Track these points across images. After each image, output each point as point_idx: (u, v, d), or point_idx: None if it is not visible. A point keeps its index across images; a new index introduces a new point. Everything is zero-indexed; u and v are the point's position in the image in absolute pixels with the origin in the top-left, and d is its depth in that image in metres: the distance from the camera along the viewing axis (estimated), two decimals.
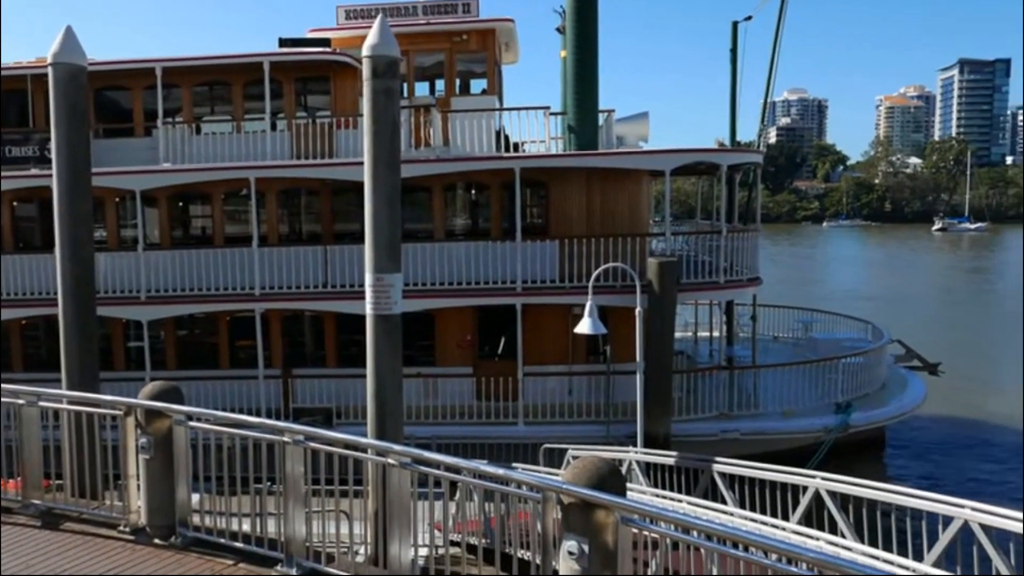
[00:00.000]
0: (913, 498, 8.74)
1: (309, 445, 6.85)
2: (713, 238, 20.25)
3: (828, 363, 19.84)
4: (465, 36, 21.75)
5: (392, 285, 9.54)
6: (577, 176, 20.16)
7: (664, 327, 18.30)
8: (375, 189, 9.56)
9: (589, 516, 4.24)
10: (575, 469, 4.33)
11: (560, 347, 19.98)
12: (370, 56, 9.56)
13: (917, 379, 22.39)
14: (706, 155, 21.10)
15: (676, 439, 17.97)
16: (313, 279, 20.02)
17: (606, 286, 18.08)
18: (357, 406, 18.63)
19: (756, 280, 20.67)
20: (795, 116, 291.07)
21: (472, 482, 6.25)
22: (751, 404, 19.36)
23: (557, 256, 19.50)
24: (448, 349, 20.54)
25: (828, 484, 9.51)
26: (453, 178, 20.55)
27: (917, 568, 8.54)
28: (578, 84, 20.54)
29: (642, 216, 21.45)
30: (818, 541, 9.30)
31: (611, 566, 4.31)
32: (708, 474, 11.51)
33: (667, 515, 4.36)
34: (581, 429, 18.62)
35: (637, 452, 14.13)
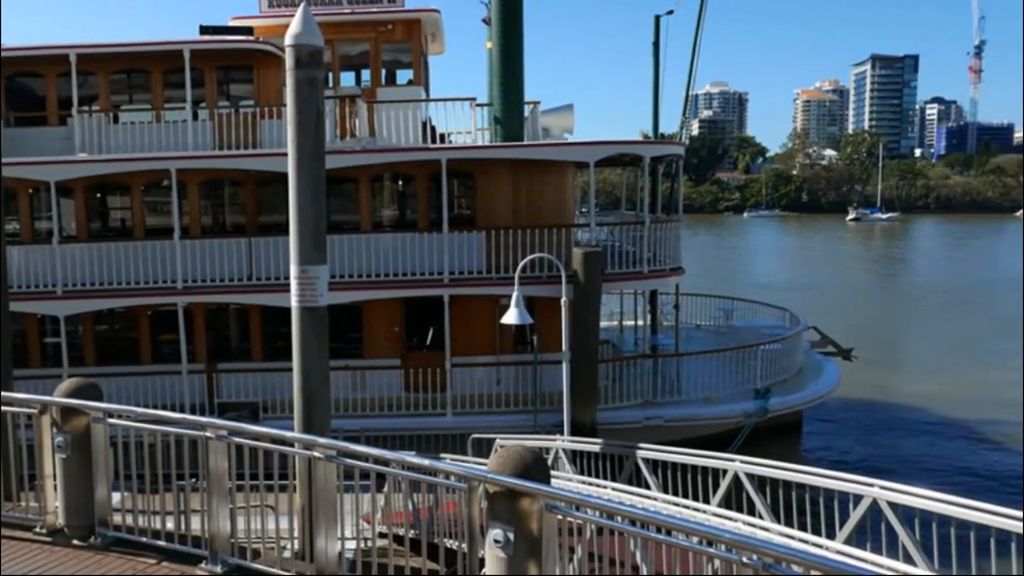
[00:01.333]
0: (826, 478, 9.13)
1: (233, 440, 6.79)
2: (637, 228, 20.61)
3: (748, 350, 20.43)
4: (390, 26, 21.60)
5: (318, 277, 9.46)
6: (503, 167, 20.26)
7: (589, 317, 18.58)
8: (299, 180, 9.45)
9: (514, 504, 4.32)
10: (500, 458, 4.41)
11: (488, 338, 20.09)
12: (293, 45, 9.43)
13: (831, 364, 23.21)
14: (629, 147, 21.43)
15: (602, 427, 18.28)
16: (237, 272, 19.68)
17: (532, 277, 18.25)
18: (284, 400, 18.41)
19: (679, 269, 21.13)
20: (717, 109, 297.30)
21: (399, 474, 6.30)
22: (674, 391, 19.81)
23: (484, 247, 19.58)
24: (376, 341, 20.46)
25: (746, 467, 9.85)
26: (379, 169, 20.42)
27: (828, 545, 8.91)
28: (503, 76, 20.61)
29: (568, 207, 21.68)
30: (736, 522, 9.62)
31: (536, 553, 4.40)
32: (632, 460, 11.78)
33: (590, 501, 4.49)
34: (509, 419, 18.77)
35: (564, 440, 14.34)
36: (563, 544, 6.23)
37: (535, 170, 20.32)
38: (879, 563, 8.64)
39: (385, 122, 20.19)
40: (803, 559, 4.32)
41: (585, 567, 7.17)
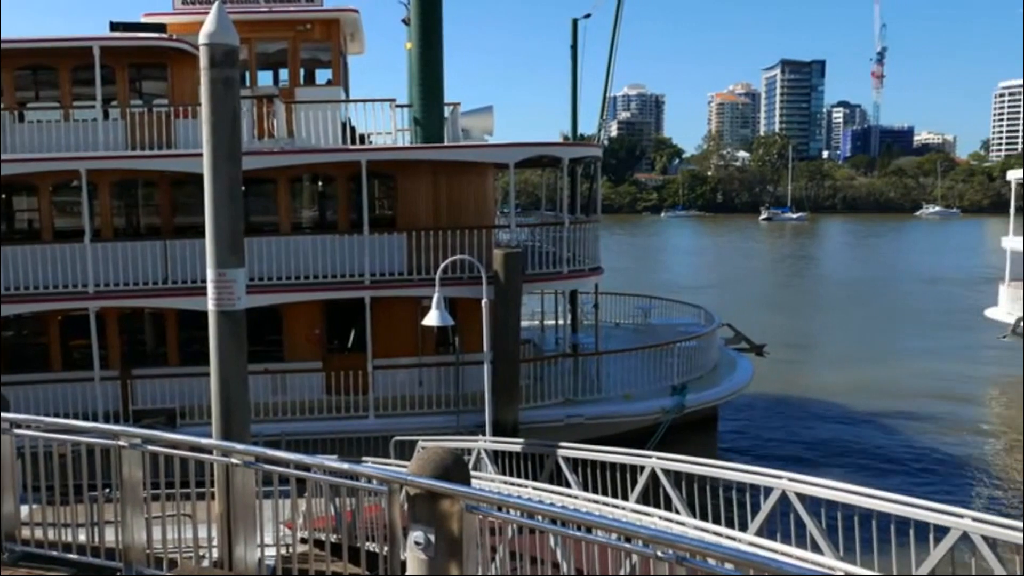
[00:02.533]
0: (738, 472, 9.45)
1: (147, 448, 6.66)
2: (556, 229, 20.86)
3: (665, 348, 20.89)
4: (309, 25, 21.33)
5: (235, 280, 9.32)
6: (424, 169, 20.25)
7: (510, 317, 18.73)
8: (215, 182, 9.29)
9: (434, 506, 4.38)
10: (420, 460, 4.47)
11: (410, 339, 20.06)
12: (207, 44, 9.26)
13: (745, 360, 23.92)
14: (548, 148, 21.67)
15: (524, 426, 18.46)
16: (152, 275, 19.15)
17: (454, 278, 18.29)
18: (202, 405, 18.02)
19: (598, 269, 21.46)
20: (635, 110, 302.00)
21: (320, 478, 6.29)
22: (595, 389, 20.12)
23: (405, 249, 19.54)
24: (296, 344, 20.20)
25: (663, 463, 10.11)
26: (299, 170, 20.16)
27: (740, 537, 9.23)
28: (423, 77, 20.60)
29: (488, 208, 21.79)
30: (652, 517, 9.87)
31: (457, 553, 4.47)
32: (553, 459, 11.95)
33: (510, 501, 4.59)
34: (432, 420, 18.77)
35: (486, 441, 14.44)
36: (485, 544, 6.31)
37: (456, 171, 20.36)
38: (789, 553, 9.00)
39: (304, 123, 19.94)
40: (715, 552, 4.48)
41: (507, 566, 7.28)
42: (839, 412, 26.23)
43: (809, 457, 22.06)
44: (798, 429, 24.66)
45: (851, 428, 24.76)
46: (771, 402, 26.57)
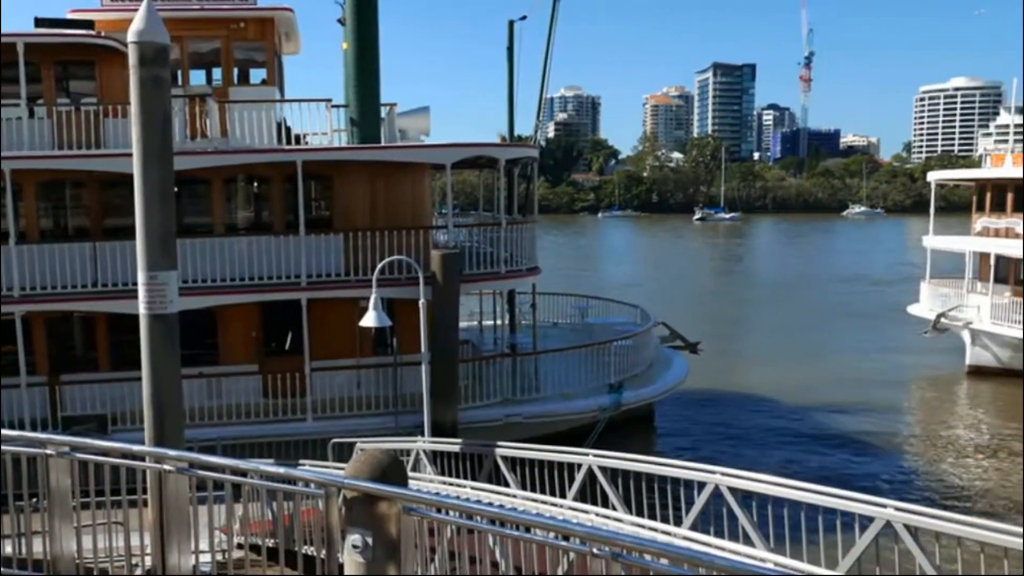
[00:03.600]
0: (672, 467, 9.66)
1: (76, 456, 6.51)
2: (494, 230, 20.94)
3: (602, 346, 21.15)
4: (242, 24, 20.99)
5: (167, 283, 9.17)
6: (361, 169, 20.13)
7: (449, 317, 18.75)
8: (146, 182, 9.12)
9: (372, 508, 4.39)
10: (356, 463, 4.48)
11: (348, 341, 19.91)
12: (136, 42, 9.08)
13: (680, 357, 24.36)
14: (485, 149, 21.75)
15: (464, 426, 18.50)
16: (81, 278, 18.63)
17: (391, 279, 18.24)
18: (135, 411, 17.59)
19: (535, 269, 21.62)
20: (571, 112, 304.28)
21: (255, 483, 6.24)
22: (533, 388, 20.27)
23: (342, 250, 19.41)
24: (232, 347, 19.88)
25: (600, 460, 10.28)
26: (233, 171, 19.85)
27: (675, 531, 9.44)
28: (359, 77, 20.48)
29: (425, 209, 21.78)
30: (589, 515, 10.02)
31: (394, 556, 4.48)
32: (491, 458, 12.03)
33: (447, 502, 4.63)
34: (371, 422, 18.68)
35: (424, 441, 14.45)
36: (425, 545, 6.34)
37: (392, 172, 20.30)
38: (722, 546, 9.23)
39: (238, 123, 19.63)
40: (651, 547, 4.57)
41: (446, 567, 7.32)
42: (770, 407, 26.90)
43: (743, 451, 22.57)
44: (732, 424, 25.22)
45: (782, 422, 25.42)
46: (706, 398, 27.09)
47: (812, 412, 26.21)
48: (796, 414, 26.19)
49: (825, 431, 24.63)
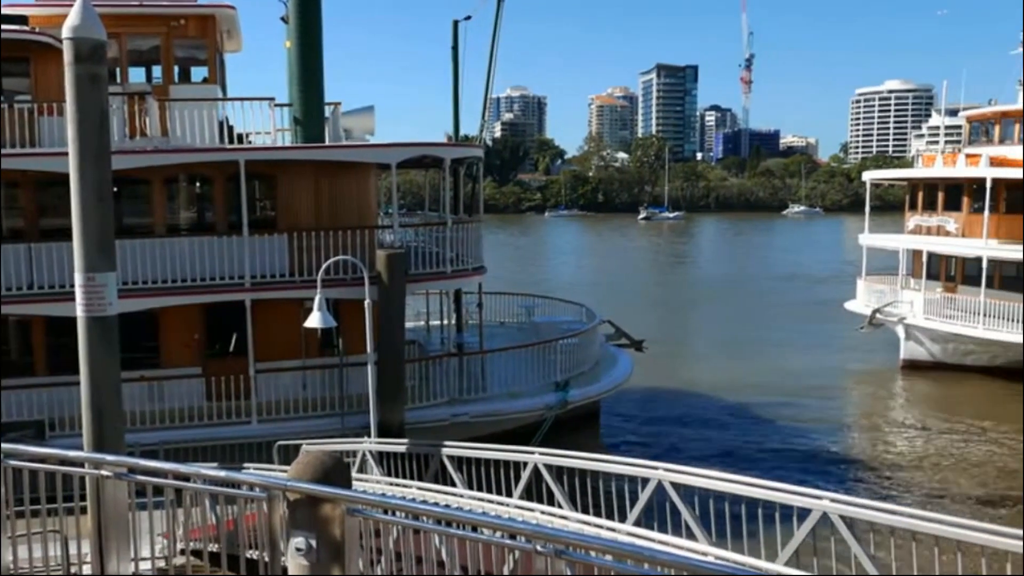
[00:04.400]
0: (617, 464, 9.80)
1: (11, 463, 6.36)
2: (439, 229, 20.92)
3: (547, 345, 21.27)
4: (183, 21, 20.61)
5: (105, 285, 9.01)
6: (305, 169, 19.94)
7: (394, 317, 18.69)
8: (82, 182, 8.95)
9: (315, 511, 4.38)
10: (299, 465, 4.46)
11: (293, 342, 19.70)
12: (72, 38, 8.90)
13: (625, 355, 24.62)
14: (430, 149, 21.71)
15: (411, 426, 18.46)
16: (16, 280, 18.10)
17: (336, 279, 18.11)
18: (73, 416, 17.18)
19: (481, 269, 21.65)
20: (518, 112, 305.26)
21: (196, 487, 6.17)
22: (479, 388, 20.29)
23: (286, 250, 19.20)
24: (174, 349, 19.52)
25: (545, 458, 10.37)
26: (174, 170, 19.49)
27: (620, 528, 9.58)
28: (303, 76, 20.29)
29: (371, 209, 21.66)
30: (534, 512, 10.11)
31: (339, 558, 4.48)
32: (437, 458, 12.05)
33: (391, 503, 4.65)
34: (317, 423, 18.53)
35: (370, 442, 14.40)
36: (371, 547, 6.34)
37: (337, 172, 20.15)
38: (665, 541, 9.40)
39: (179, 121, 19.27)
40: (595, 544, 4.64)
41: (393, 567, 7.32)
42: (713, 403, 27.37)
43: (686, 447, 22.94)
44: (676, 420, 25.60)
45: (724, 417, 25.89)
46: (651, 395, 27.45)
47: (753, 407, 26.74)
48: (738, 409, 26.70)
49: (765, 425, 25.15)
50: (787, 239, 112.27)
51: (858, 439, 24.67)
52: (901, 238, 34.48)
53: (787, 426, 24.91)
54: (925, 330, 30.98)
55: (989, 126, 33.63)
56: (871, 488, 20.23)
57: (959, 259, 31.88)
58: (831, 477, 21.11)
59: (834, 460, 22.42)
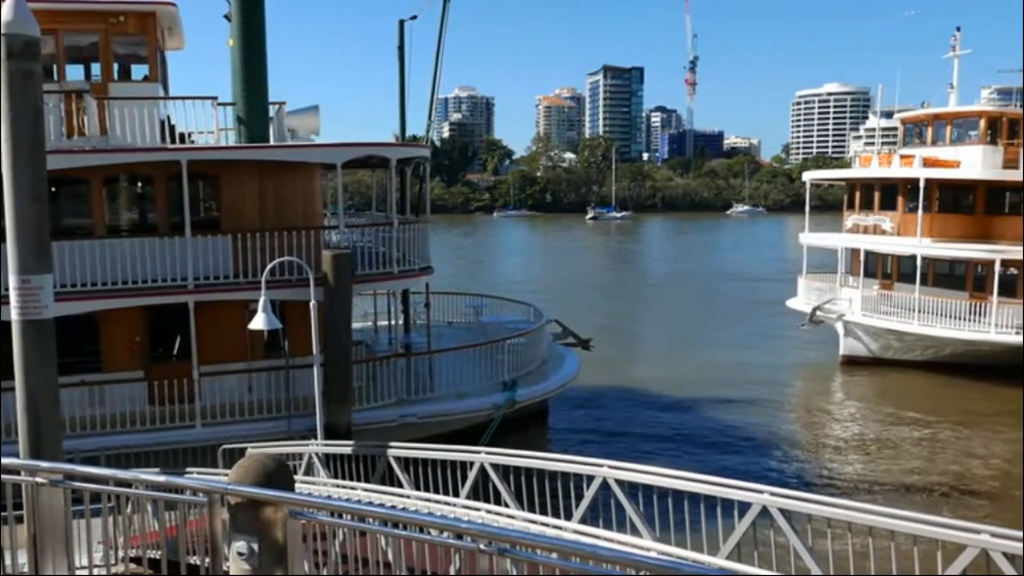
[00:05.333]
0: (563, 463, 9.91)
1: None
2: (386, 230, 20.85)
3: (495, 345, 21.35)
4: (122, 17, 20.18)
5: (41, 287, 8.82)
6: (249, 169, 19.71)
7: (341, 318, 18.59)
8: (16, 182, 8.75)
9: (257, 514, 4.35)
10: (240, 468, 4.44)
11: (238, 344, 19.46)
12: (4, 34, 8.70)
13: (572, 354, 24.82)
14: (376, 149, 21.62)
15: (358, 427, 18.37)
16: None
17: (282, 280, 17.96)
18: (9, 423, 16.72)
19: (428, 269, 21.64)
20: (466, 112, 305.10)
21: (136, 493, 6.09)
22: (427, 388, 20.28)
23: (230, 251, 18.95)
24: (115, 353, 19.13)
25: (491, 458, 10.43)
26: (115, 170, 19.10)
27: (565, 525, 9.69)
28: (246, 75, 20.06)
29: (316, 209, 21.49)
30: (480, 512, 10.16)
31: (282, 561, 4.46)
32: (384, 460, 12.03)
33: (334, 504, 4.66)
34: (263, 426, 18.33)
35: (317, 444, 14.31)
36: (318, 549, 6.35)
37: (282, 172, 19.96)
38: (610, 537, 9.53)
39: (119, 120, 18.89)
40: (536, 542, 4.70)
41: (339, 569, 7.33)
42: (659, 399, 27.74)
43: (633, 444, 23.21)
44: (624, 417, 25.88)
45: (669, 413, 26.25)
46: (598, 393, 27.70)
47: (698, 403, 27.18)
48: (683, 406, 27.10)
49: (710, 421, 25.58)
50: (731, 238, 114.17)
51: (799, 432, 25.25)
52: (840, 237, 35.35)
53: (730, 421, 25.37)
54: (863, 326, 31.79)
55: (922, 128, 34.65)
56: (811, 480, 20.71)
57: (895, 257, 32.80)
58: (773, 470, 21.58)
59: (776, 453, 22.91)
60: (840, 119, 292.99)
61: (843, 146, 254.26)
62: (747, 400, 27.60)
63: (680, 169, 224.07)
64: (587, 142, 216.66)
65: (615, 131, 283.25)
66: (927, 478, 20.90)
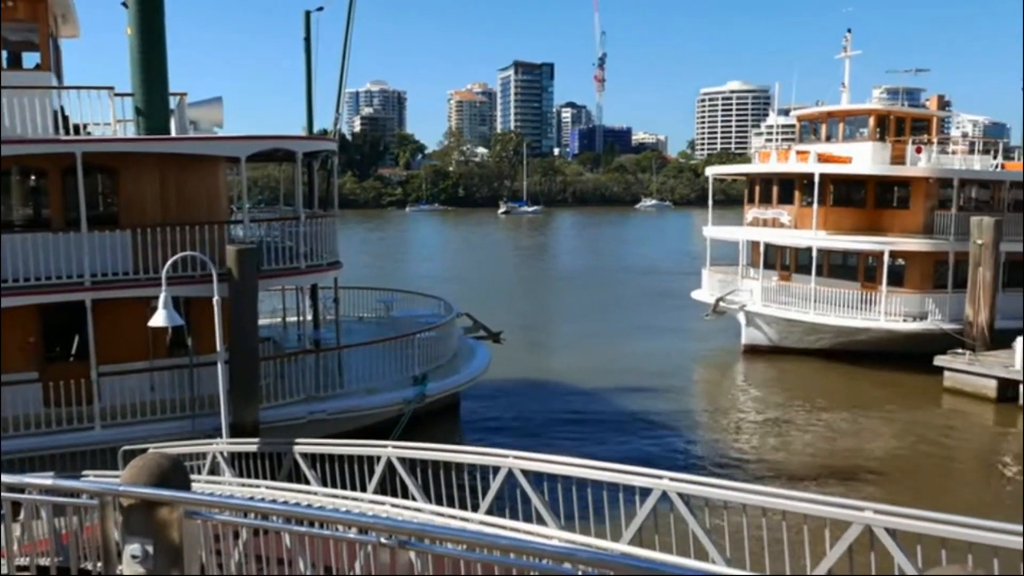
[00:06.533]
0: (469, 454, 10.03)
1: None
2: (293, 224, 20.56)
3: (405, 339, 21.32)
4: (11, 3, 19.26)
5: None
6: (149, 162, 19.14)
7: (247, 314, 18.24)
8: None
9: (152, 515, 4.28)
10: (133, 468, 4.37)
11: (139, 342, 18.88)
12: None
13: (483, 347, 24.97)
14: (281, 142, 21.29)
15: (266, 425, 18.10)
16: None
17: (184, 276, 17.54)
18: None
19: (336, 264, 21.43)
20: (377, 106, 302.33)
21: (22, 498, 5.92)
22: (337, 384, 20.10)
23: (130, 247, 18.37)
24: (7, 353, 18.30)
25: (398, 452, 10.48)
26: (5, 163, 18.21)
27: (471, 517, 9.82)
28: (145, 64, 19.43)
29: (221, 203, 21.02)
30: (384, 506, 10.20)
31: (178, 563, 4.40)
32: (291, 457, 11.93)
33: (231, 503, 4.65)
34: (166, 426, 17.85)
35: (222, 443, 14.06)
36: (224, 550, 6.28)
37: (185, 165, 19.47)
38: (516, 527, 9.71)
39: (8, 110, 18.06)
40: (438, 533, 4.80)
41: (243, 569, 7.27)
42: (567, 390, 28.19)
43: (544, 433, 23.55)
44: (533, 409, 26.21)
45: (578, 404, 26.69)
46: (509, 385, 27.96)
47: (606, 392, 27.74)
48: (592, 394, 27.62)
49: (618, 409, 26.15)
50: (639, 232, 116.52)
51: (702, 418, 26.06)
52: (741, 230, 36.51)
53: (638, 408, 25.99)
54: (763, 316, 32.95)
55: (817, 125, 36.09)
56: (713, 462, 21.42)
57: (792, 249, 34.09)
58: (678, 452, 22.27)
59: (680, 438, 23.57)
60: (742, 116, 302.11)
61: (746, 142, 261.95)
62: (653, 388, 28.28)
63: (590, 164, 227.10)
64: (499, 137, 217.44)
65: (526, 126, 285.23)
66: (821, 460, 21.87)
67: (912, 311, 30.04)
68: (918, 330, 29.69)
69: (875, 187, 33.20)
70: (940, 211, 31.55)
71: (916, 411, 25.97)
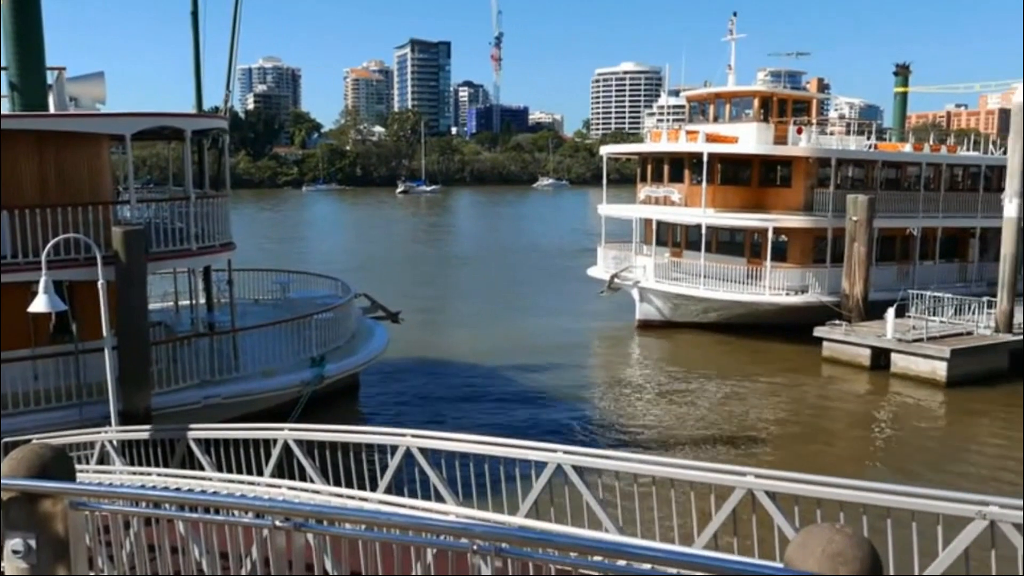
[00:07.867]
0: (365, 434, 10.06)
1: None
2: (183, 204, 19.95)
3: (302, 320, 21.03)
4: None
5: None
6: (26, 140, 18.19)
7: (135, 298, 17.67)
8: None
9: (33, 508, 4.13)
10: (12, 460, 4.23)
11: (20, 329, 17.98)
12: None
13: (381, 328, 24.85)
14: (168, 119, 20.58)
15: (159, 412, 17.62)
16: None
17: (68, 259, 16.85)
18: None
19: (230, 245, 20.93)
20: (271, 84, 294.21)
21: None
22: (232, 368, 19.69)
23: (7, 229, 17.47)
24: None
25: (295, 434, 10.41)
26: None
27: (370, 496, 9.88)
28: (18, 35, 18.47)
29: (105, 183, 20.20)
30: (280, 489, 10.15)
31: (64, 556, 4.28)
32: (184, 443, 11.68)
33: (118, 492, 4.58)
34: (51, 416, 17.11)
35: (111, 431, 13.63)
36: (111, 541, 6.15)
37: (65, 143, 18.59)
38: (415, 505, 9.81)
39: None
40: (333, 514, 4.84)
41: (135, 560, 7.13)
42: (467, 369, 28.41)
43: (444, 410, 23.72)
44: (434, 387, 26.32)
45: (477, 382, 26.96)
46: (409, 364, 27.98)
47: (504, 368, 28.09)
48: (490, 371, 27.93)
49: (516, 383, 26.55)
50: (537, 210, 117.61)
51: (597, 390, 26.74)
52: (634, 208, 37.38)
53: (535, 386, 26.42)
54: (656, 292, 33.91)
55: (705, 106, 37.16)
56: (608, 433, 22.04)
57: (683, 226, 35.13)
58: (576, 419, 22.84)
59: (576, 410, 24.15)
60: (636, 96, 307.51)
61: (639, 122, 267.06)
62: (551, 364, 28.79)
63: (488, 143, 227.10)
64: (396, 116, 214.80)
65: (424, 105, 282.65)
66: (711, 428, 22.79)
67: (794, 285, 31.48)
68: (800, 303, 31.15)
69: (760, 166, 34.51)
70: (819, 189, 33.07)
71: (798, 379, 27.32)
